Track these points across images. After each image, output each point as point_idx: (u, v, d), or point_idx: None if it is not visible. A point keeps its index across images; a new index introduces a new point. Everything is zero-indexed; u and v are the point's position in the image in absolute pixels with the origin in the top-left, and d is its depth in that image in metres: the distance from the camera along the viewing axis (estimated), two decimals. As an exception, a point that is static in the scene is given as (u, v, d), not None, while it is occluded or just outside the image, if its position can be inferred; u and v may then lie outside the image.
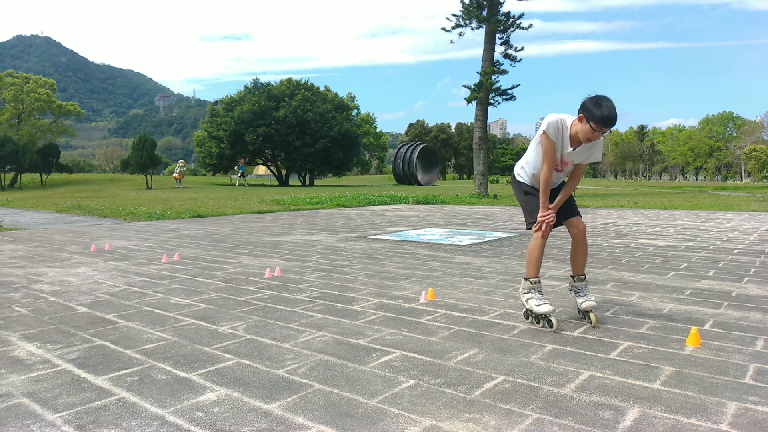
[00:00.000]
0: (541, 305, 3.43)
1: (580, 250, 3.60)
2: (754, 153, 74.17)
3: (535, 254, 3.52)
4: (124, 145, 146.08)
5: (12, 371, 2.76)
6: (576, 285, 3.63)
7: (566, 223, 3.60)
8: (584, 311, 3.55)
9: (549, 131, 3.36)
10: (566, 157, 3.44)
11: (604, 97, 3.20)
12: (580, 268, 3.62)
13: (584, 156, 3.45)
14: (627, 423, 2.15)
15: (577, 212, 3.63)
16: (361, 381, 2.60)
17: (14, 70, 53.46)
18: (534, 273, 3.52)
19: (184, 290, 4.73)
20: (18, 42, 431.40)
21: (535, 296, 3.49)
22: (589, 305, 3.51)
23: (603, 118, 3.14)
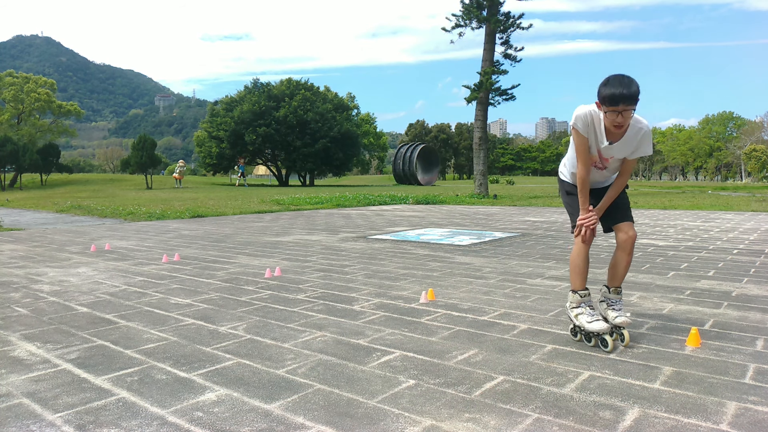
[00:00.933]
0: (594, 322, 3.02)
1: (623, 260, 3.16)
2: (754, 153, 74.18)
3: (578, 263, 3.17)
4: (124, 145, 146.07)
5: (12, 371, 2.76)
6: (610, 297, 3.22)
7: (614, 228, 3.20)
8: (617, 326, 3.12)
9: (578, 125, 2.98)
10: (605, 153, 3.02)
11: (617, 74, 2.84)
12: (619, 279, 3.21)
13: (627, 150, 2.98)
14: (627, 423, 2.15)
15: (628, 217, 3.18)
16: (361, 381, 2.60)
17: (14, 70, 53.48)
18: (580, 284, 3.17)
19: (184, 290, 4.73)
20: (18, 42, 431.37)
21: (585, 311, 3.10)
22: (624, 321, 3.08)
23: (607, 97, 2.78)
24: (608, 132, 2.92)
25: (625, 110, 2.76)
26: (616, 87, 2.75)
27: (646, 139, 2.94)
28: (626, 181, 3.13)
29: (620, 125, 2.83)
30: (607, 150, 2.99)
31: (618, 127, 2.85)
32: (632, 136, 2.91)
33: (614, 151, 2.99)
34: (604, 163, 3.08)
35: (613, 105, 2.76)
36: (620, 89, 2.74)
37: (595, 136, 2.98)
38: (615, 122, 2.82)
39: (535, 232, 9.31)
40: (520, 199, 20.34)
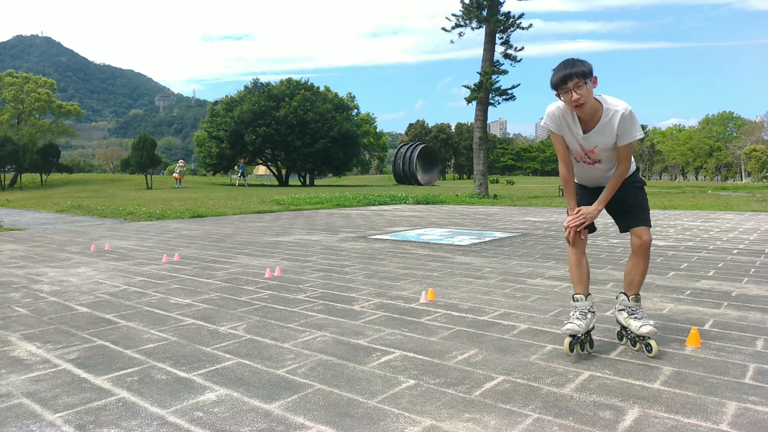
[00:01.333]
0: (568, 324, 2.91)
1: (637, 266, 3.01)
2: (754, 153, 74.18)
3: (570, 266, 3.09)
4: (124, 145, 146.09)
5: (12, 371, 2.76)
6: (630, 305, 3.03)
7: (630, 231, 3.06)
8: (643, 337, 2.93)
9: (549, 124, 2.94)
10: (585, 144, 2.90)
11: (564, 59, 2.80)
12: (636, 286, 3.04)
13: (607, 137, 2.83)
14: (627, 423, 2.15)
15: (642, 220, 3.00)
16: (361, 381, 2.60)
17: (14, 70, 53.48)
18: (576, 288, 3.05)
19: (184, 290, 4.73)
20: (18, 42, 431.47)
21: (573, 314, 2.99)
22: (650, 330, 2.88)
23: (555, 81, 2.74)
24: (581, 121, 2.84)
25: (577, 86, 2.68)
26: (560, 69, 2.73)
27: (628, 122, 2.78)
28: (625, 170, 2.93)
29: (579, 102, 2.71)
30: (585, 141, 2.88)
31: (579, 107, 2.74)
32: (607, 122, 2.80)
33: (593, 140, 2.86)
34: (591, 156, 2.95)
35: (563, 84, 2.71)
36: (564, 70, 2.70)
37: (569, 129, 2.90)
38: (573, 101, 2.72)
39: (535, 232, 9.31)
40: (520, 199, 20.34)
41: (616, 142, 2.85)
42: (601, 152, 2.91)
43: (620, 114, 2.77)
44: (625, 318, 3.04)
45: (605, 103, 2.79)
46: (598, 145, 2.87)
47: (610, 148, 2.89)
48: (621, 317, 3.07)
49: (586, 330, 2.93)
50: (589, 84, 2.70)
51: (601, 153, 2.92)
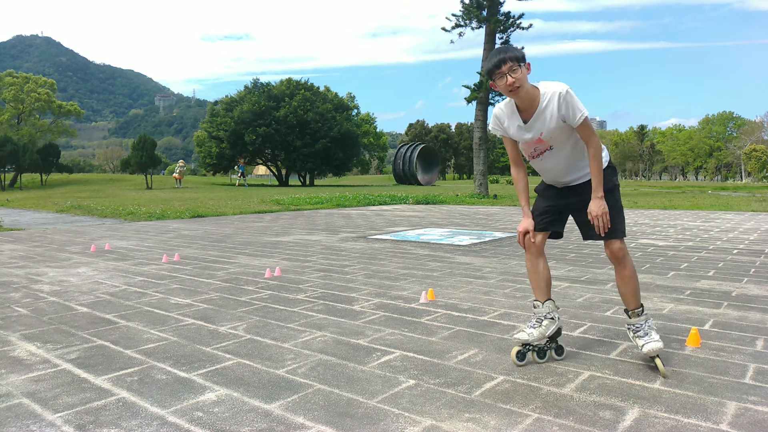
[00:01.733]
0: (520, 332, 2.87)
1: (621, 276, 2.84)
2: (754, 153, 74.20)
3: (528, 273, 2.97)
4: (124, 145, 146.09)
5: (12, 371, 2.76)
6: (631, 322, 2.83)
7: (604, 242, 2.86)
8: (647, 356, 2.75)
9: (492, 128, 2.91)
10: (531, 134, 2.78)
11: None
12: (628, 298, 2.85)
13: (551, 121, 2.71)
14: (627, 423, 2.15)
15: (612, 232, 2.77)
16: (361, 381, 2.60)
17: (14, 70, 53.49)
18: (534, 294, 2.98)
19: (184, 290, 4.73)
20: (18, 42, 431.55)
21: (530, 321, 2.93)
22: (650, 349, 2.68)
23: (488, 69, 2.69)
24: (521, 111, 2.76)
25: (512, 70, 2.62)
26: (494, 56, 2.67)
27: (568, 101, 2.66)
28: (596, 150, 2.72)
29: (514, 86, 2.64)
30: (529, 130, 2.76)
31: (515, 91, 2.65)
32: (546, 105, 2.70)
33: (537, 127, 2.74)
34: (542, 146, 2.81)
35: (498, 69, 2.64)
36: (498, 55, 2.65)
37: (511, 124, 2.82)
38: (508, 85, 2.64)
39: (535, 232, 9.29)
40: (520, 199, 20.31)
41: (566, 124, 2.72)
42: (550, 138, 2.77)
43: (558, 94, 2.67)
44: (632, 337, 2.84)
45: (542, 88, 2.71)
46: (543, 131, 2.75)
47: (556, 130, 2.73)
48: (630, 337, 2.87)
49: (542, 338, 2.82)
50: (524, 69, 2.65)
51: (550, 139, 2.77)
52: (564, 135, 2.76)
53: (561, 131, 2.74)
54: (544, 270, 2.93)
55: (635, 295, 2.85)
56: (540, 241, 2.93)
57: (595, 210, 2.72)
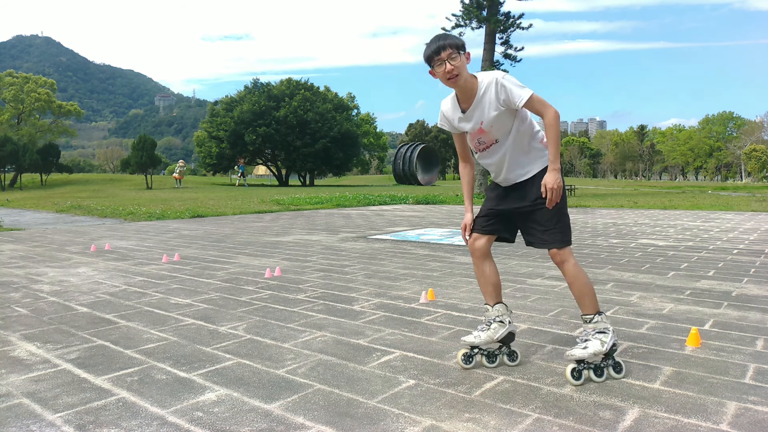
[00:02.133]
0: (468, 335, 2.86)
1: (569, 283, 2.74)
2: (754, 153, 74.21)
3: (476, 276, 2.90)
4: (124, 145, 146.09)
5: (12, 371, 2.76)
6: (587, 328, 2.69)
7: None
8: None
9: (440, 123, 2.88)
10: (472, 124, 2.72)
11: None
12: (578, 303, 2.74)
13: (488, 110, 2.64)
14: (627, 423, 2.15)
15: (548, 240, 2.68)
16: (361, 381, 2.60)
17: (14, 70, 53.48)
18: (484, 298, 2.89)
19: (184, 290, 4.73)
20: (18, 42, 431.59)
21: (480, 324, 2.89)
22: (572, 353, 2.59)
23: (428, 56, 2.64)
24: (461, 102, 2.72)
25: (451, 57, 2.57)
26: (433, 42, 2.63)
27: (506, 85, 2.59)
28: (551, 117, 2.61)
29: (453, 74, 2.59)
30: (469, 120, 2.71)
31: (454, 79, 2.60)
32: (483, 93, 2.64)
33: (477, 116, 2.68)
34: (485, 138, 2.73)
35: (437, 55, 2.59)
36: (437, 42, 2.60)
37: (454, 116, 2.77)
38: (447, 72, 2.59)
39: (535, 232, 9.29)
40: (520, 199, 20.31)
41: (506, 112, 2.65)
42: (492, 128, 2.69)
43: (495, 81, 2.62)
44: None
45: (479, 77, 2.67)
46: (483, 120, 2.67)
47: (496, 119, 2.65)
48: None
49: (490, 341, 2.77)
50: (463, 58, 2.61)
51: (492, 129, 2.69)
52: (506, 125, 2.68)
53: (502, 120, 2.66)
54: (491, 273, 2.84)
55: (582, 303, 2.71)
56: (482, 245, 2.84)
57: (551, 182, 2.60)
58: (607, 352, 2.60)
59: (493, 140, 2.73)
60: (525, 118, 2.71)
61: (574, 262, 2.70)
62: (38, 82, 50.21)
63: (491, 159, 2.77)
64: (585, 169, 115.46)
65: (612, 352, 2.62)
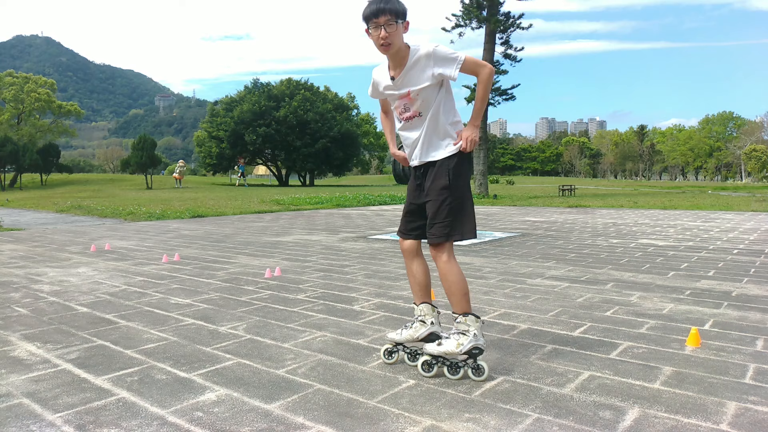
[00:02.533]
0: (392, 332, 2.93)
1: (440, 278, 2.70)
2: (754, 153, 74.21)
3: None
4: (124, 145, 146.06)
5: (12, 371, 2.76)
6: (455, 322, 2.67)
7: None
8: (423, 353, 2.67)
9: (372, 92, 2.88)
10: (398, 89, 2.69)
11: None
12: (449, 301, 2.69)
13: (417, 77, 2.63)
14: (627, 423, 2.15)
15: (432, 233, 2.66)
16: (361, 381, 2.60)
17: (14, 70, 53.48)
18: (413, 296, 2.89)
19: (184, 290, 4.73)
20: (18, 42, 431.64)
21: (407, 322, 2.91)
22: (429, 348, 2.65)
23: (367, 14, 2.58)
24: (391, 69, 2.69)
25: (388, 23, 2.54)
26: (372, 3, 2.57)
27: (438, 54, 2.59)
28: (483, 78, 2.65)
29: (387, 42, 2.56)
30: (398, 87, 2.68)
31: (386, 47, 2.58)
32: (415, 61, 2.62)
33: (404, 82, 2.66)
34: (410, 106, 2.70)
35: (375, 18, 2.55)
36: (378, 4, 2.56)
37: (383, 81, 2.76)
38: (381, 38, 2.56)
39: (535, 232, 9.30)
40: (520, 199, 20.34)
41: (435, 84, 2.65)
42: (418, 97, 2.66)
43: (426, 49, 2.61)
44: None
45: (413, 47, 2.65)
46: (411, 87, 2.65)
47: (426, 90, 2.64)
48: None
49: (411, 340, 2.79)
50: (401, 26, 2.58)
51: (419, 98, 2.66)
52: (432, 97, 2.67)
53: (430, 92, 2.65)
54: (418, 273, 2.83)
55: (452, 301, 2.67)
56: (410, 246, 2.84)
57: (468, 133, 2.67)
58: (467, 353, 2.60)
59: (417, 112, 2.71)
60: (450, 102, 2.73)
61: (448, 259, 2.65)
62: (38, 82, 50.23)
63: (410, 133, 2.75)
64: (585, 169, 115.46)
65: (473, 355, 2.61)
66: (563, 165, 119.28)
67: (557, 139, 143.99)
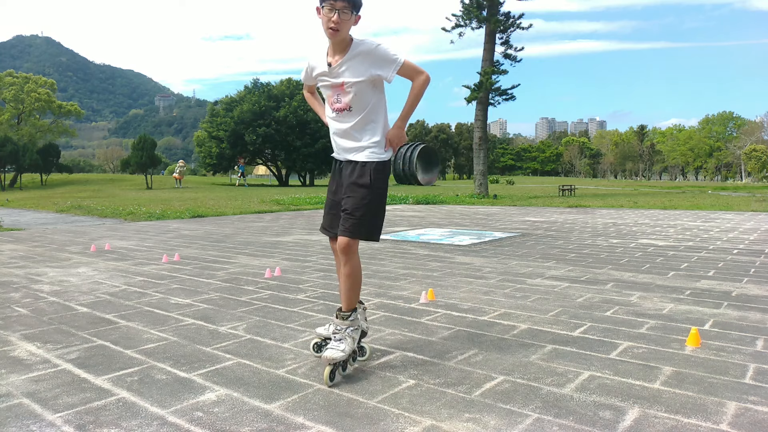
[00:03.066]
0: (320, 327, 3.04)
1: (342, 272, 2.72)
2: (754, 153, 74.21)
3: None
4: (124, 145, 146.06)
5: (12, 371, 2.76)
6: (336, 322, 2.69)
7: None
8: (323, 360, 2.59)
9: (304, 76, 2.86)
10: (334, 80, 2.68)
11: None
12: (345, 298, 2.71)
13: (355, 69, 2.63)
14: (627, 423, 2.15)
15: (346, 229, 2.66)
16: (361, 381, 2.60)
17: (14, 70, 53.45)
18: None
19: (184, 290, 4.73)
20: (18, 42, 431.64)
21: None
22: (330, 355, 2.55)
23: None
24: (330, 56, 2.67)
25: (344, 10, 2.53)
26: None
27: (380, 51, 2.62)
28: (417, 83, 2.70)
29: (336, 27, 2.54)
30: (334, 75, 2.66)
31: (335, 32, 2.55)
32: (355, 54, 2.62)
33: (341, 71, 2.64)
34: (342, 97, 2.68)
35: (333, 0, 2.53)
36: None
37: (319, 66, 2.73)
38: (331, 22, 2.53)
39: (535, 232, 9.30)
40: (520, 199, 20.34)
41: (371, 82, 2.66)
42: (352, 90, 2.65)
43: (368, 46, 2.63)
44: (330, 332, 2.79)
45: (356, 40, 2.66)
46: (347, 79, 2.64)
47: (361, 84, 2.64)
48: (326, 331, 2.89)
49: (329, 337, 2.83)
50: (353, 18, 2.59)
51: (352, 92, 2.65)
52: (365, 95, 2.67)
53: (364, 89, 2.66)
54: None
55: (346, 295, 2.70)
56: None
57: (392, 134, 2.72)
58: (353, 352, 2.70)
59: (348, 105, 2.69)
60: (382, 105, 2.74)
61: (355, 254, 2.70)
62: (38, 82, 50.20)
63: (339, 125, 2.74)
64: (585, 169, 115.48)
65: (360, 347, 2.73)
66: (563, 165, 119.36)
67: (557, 139, 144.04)
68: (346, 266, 2.69)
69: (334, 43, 2.65)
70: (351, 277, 2.69)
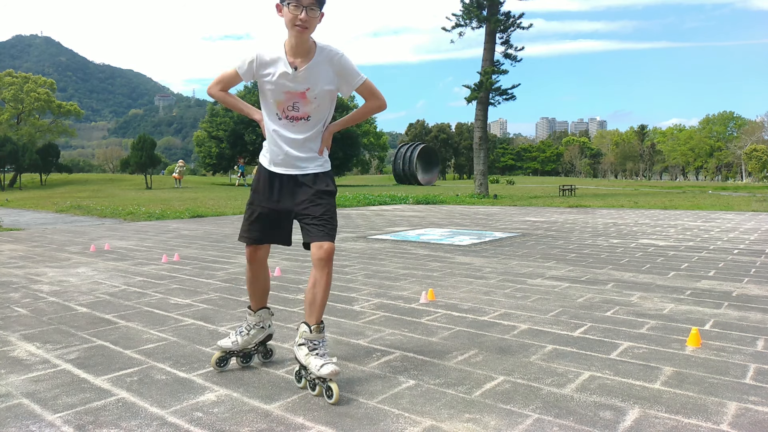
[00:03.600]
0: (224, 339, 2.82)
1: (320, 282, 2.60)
2: (755, 153, 74.19)
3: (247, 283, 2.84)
4: (123, 145, 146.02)
5: (12, 371, 2.76)
6: (311, 338, 2.48)
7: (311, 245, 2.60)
8: (324, 379, 2.37)
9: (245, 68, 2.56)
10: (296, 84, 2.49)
11: None
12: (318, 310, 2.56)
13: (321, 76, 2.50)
14: (627, 423, 2.14)
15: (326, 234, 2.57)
16: (361, 381, 2.60)
17: (14, 69, 53.43)
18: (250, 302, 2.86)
19: (183, 290, 4.73)
20: (18, 42, 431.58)
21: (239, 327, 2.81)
22: (331, 371, 2.34)
23: None
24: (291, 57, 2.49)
25: (311, 7, 2.40)
26: None
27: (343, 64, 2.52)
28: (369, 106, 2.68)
29: (303, 25, 2.40)
30: (297, 80, 2.48)
31: (301, 28, 2.40)
32: (320, 61, 2.49)
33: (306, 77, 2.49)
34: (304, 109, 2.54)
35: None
36: None
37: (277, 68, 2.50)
38: (299, 19, 2.39)
39: (536, 232, 9.30)
40: (520, 199, 20.34)
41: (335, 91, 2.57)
42: (315, 100, 2.53)
43: (334, 53, 2.51)
44: (305, 355, 2.46)
45: (319, 43, 2.52)
46: (312, 86, 2.50)
47: (325, 93, 2.53)
48: (300, 354, 2.49)
49: (247, 345, 2.77)
50: (320, 15, 2.46)
51: (314, 103, 2.53)
52: (325, 105, 2.58)
53: (326, 99, 2.56)
54: (265, 280, 2.83)
55: (323, 307, 2.58)
56: (262, 256, 2.79)
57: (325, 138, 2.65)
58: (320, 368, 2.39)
59: (306, 115, 2.55)
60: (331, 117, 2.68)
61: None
62: (38, 82, 50.19)
63: (292, 135, 2.56)
64: (585, 169, 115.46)
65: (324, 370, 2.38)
66: (563, 165, 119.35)
67: (557, 139, 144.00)
68: (326, 275, 2.56)
69: (297, 44, 2.47)
70: (322, 288, 2.57)
